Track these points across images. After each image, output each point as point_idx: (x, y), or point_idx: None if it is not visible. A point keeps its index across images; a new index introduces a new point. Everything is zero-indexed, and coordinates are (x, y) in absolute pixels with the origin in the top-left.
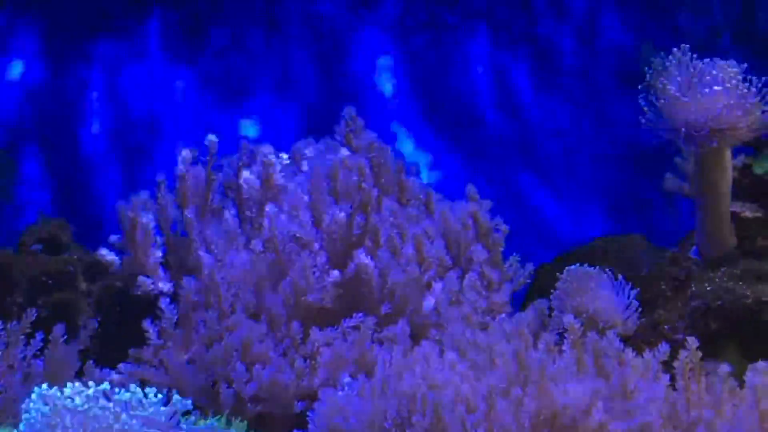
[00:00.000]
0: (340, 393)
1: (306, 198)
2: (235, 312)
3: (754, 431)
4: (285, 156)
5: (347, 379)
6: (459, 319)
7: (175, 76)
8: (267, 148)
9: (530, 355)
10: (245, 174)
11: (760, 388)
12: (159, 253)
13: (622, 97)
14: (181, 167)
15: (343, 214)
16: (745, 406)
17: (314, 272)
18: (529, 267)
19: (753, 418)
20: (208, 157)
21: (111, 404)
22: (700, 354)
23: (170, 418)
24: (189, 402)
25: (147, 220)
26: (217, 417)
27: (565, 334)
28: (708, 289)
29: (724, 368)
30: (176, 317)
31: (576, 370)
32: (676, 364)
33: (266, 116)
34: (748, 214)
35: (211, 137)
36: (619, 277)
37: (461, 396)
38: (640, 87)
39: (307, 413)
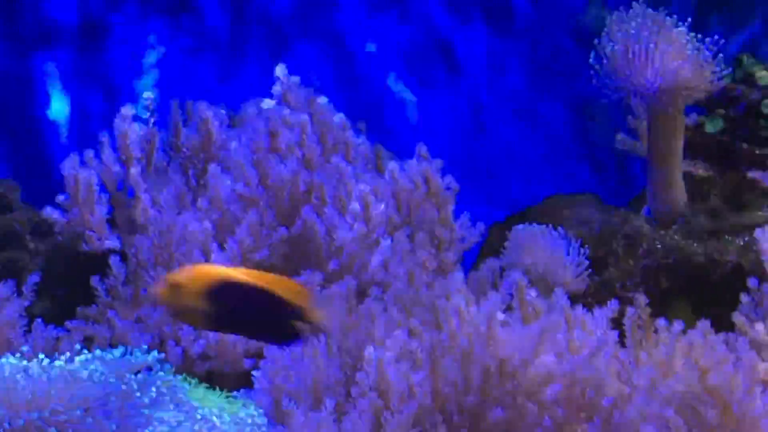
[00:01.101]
0: (284, 351)
1: (250, 156)
2: None
3: (695, 387)
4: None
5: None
6: (407, 278)
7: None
8: (203, 105)
9: (473, 311)
10: (185, 132)
11: (699, 346)
12: (104, 211)
13: (574, 56)
14: (120, 124)
15: (287, 171)
16: (687, 363)
17: (261, 230)
18: (481, 226)
19: (693, 375)
20: (147, 115)
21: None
22: (649, 311)
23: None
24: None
25: (89, 176)
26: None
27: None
28: (659, 247)
29: (675, 326)
30: (124, 275)
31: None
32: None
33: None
34: (700, 172)
35: (148, 93)
36: (570, 235)
37: (406, 353)
38: (594, 44)
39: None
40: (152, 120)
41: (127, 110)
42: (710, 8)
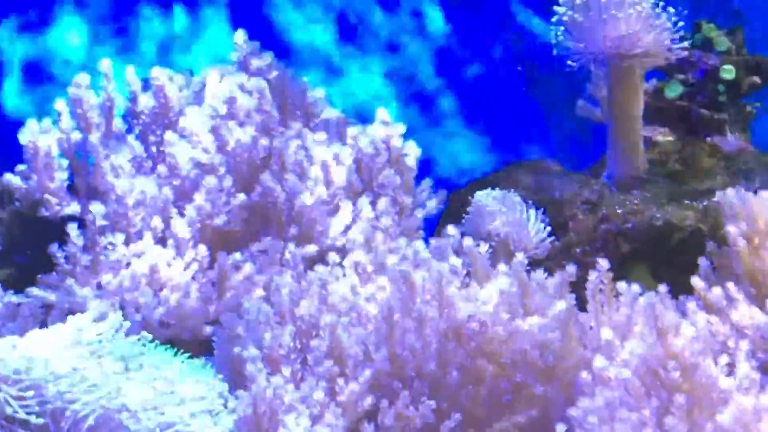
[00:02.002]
0: (241, 318)
1: (209, 122)
2: (143, 237)
3: (655, 349)
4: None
5: (247, 305)
6: (367, 243)
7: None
8: (160, 71)
9: (431, 275)
10: (144, 98)
11: (659, 308)
12: (63, 177)
13: (535, 22)
14: (75, 91)
15: (246, 137)
16: (647, 327)
17: (220, 196)
18: (442, 192)
19: (653, 338)
20: (104, 83)
21: None
22: (611, 275)
23: None
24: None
25: (48, 143)
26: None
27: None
28: (619, 211)
29: (635, 289)
30: (84, 242)
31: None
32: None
33: None
34: (659, 137)
35: (104, 61)
36: (531, 201)
37: (363, 317)
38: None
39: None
40: (109, 87)
41: (82, 78)
42: None
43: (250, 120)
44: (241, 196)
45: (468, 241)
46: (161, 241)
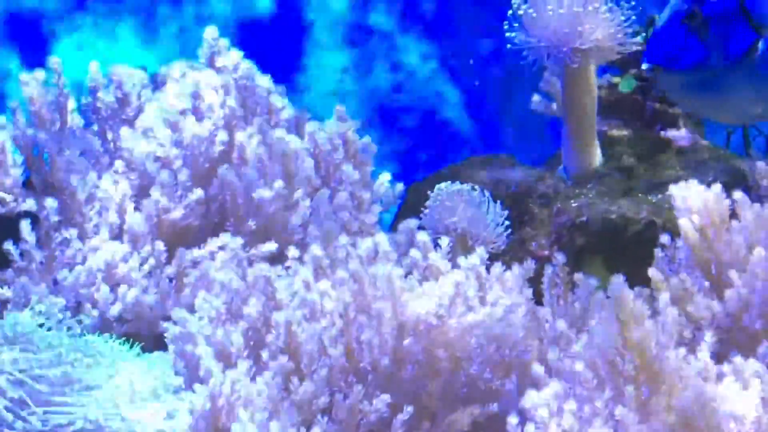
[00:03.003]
0: (193, 315)
1: (168, 117)
2: (98, 232)
3: (614, 340)
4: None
5: (198, 301)
6: (324, 238)
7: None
8: (120, 67)
9: (387, 270)
10: (103, 94)
11: (618, 298)
12: (18, 173)
13: (489, 15)
14: (27, 88)
15: (204, 131)
16: (606, 318)
17: (176, 189)
18: (400, 187)
19: (610, 329)
20: (55, 79)
21: None
22: (567, 269)
23: None
24: None
25: (2, 140)
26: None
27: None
28: (573, 205)
29: (591, 282)
30: (36, 238)
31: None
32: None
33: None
34: (614, 132)
35: (54, 58)
36: (488, 194)
37: (317, 313)
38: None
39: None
40: (62, 83)
41: (34, 74)
42: None
43: (212, 115)
44: (198, 191)
45: (422, 236)
46: (118, 236)
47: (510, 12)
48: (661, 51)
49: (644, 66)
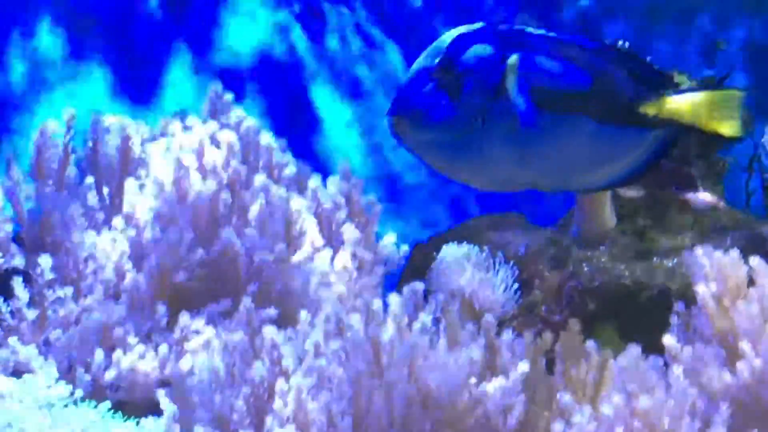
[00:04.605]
0: (190, 380)
1: (171, 173)
2: (94, 292)
3: (624, 414)
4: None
5: (199, 362)
6: (328, 300)
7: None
8: (123, 120)
9: (395, 337)
10: (102, 148)
11: (629, 370)
12: (9, 227)
13: None
14: (39, 139)
15: (209, 191)
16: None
17: (179, 250)
18: (404, 247)
19: (621, 399)
20: (65, 130)
21: None
22: (581, 337)
23: None
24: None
25: None
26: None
27: (440, 316)
28: (585, 269)
29: (603, 350)
30: (29, 296)
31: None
32: (555, 346)
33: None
34: (628, 192)
35: (68, 109)
36: (498, 256)
37: (326, 381)
38: None
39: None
40: (68, 136)
41: (47, 125)
42: None
43: (215, 173)
44: (200, 251)
45: (437, 298)
46: (114, 296)
47: None
48: (407, 105)
49: (386, 120)
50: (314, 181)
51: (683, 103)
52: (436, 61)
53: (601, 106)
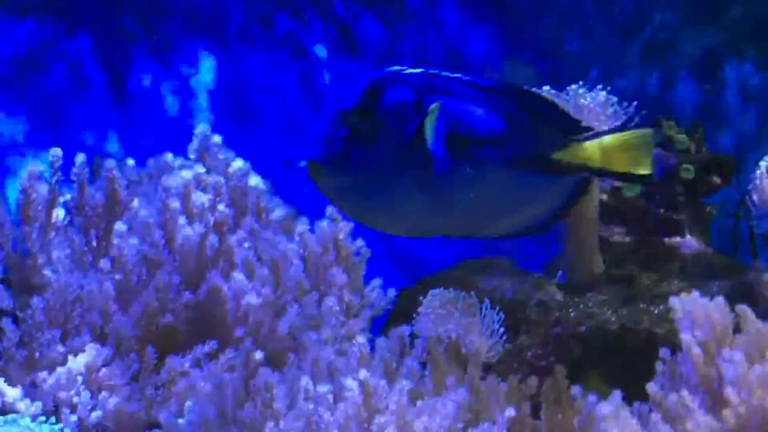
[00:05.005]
0: (181, 421)
1: (158, 216)
2: (81, 334)
3: None
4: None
5: (188, 404)
6: (315, 344)
7: None
8: (110, 163)
9: (383, 381)
10: (89, 190)
11: (610, 419)
12: None
13: None
14: (26, 181)
15: (196, 234)
16: None
17: (166, 293)
18: (391, 292)
19: None
20: (51, 172)
21: None
22: (567, 383)
23: None
24: None
25: None
26: None
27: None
28: (572, 314)
29: (589, 396)
30: (18, 337)
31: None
32: (541, 391)
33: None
34: (616, 237)
35: (55, 151)
36: (485, 301)
37: (313, 425)
38: None
39: None
40: (55, 178)
41: (34, 168)
42: None
43: (203, 217)
44: (187, 294)
45: (424, 343)
46: (101, 338)
47: None
48: (322, 149)
49: (301, 164)
50: (302, 225)
51: (593, 149)
52: (354, 105)
53: (514, 154)
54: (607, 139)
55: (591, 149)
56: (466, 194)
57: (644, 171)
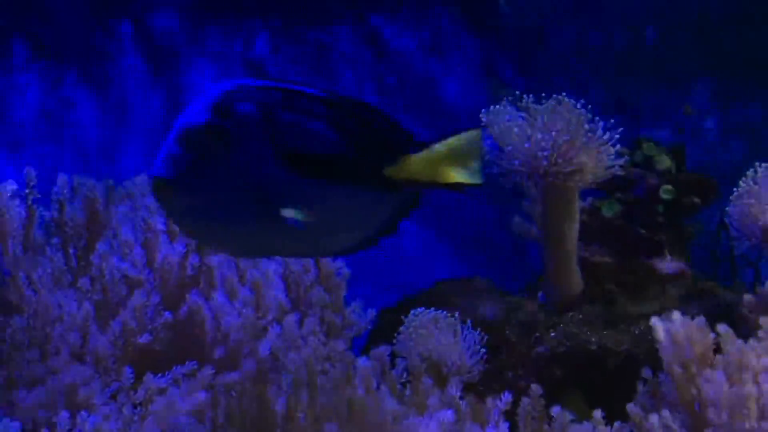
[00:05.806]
0: None
1: (139, 235)
2: (59, 353)
3: None
4: None
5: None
6: (296, 364)
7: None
8: (89, 182)
9: (366, 401)
10: (69, 209)
11: None
12: None
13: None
14: (1, 199)
15: (176, 254)
16: None
17: (145, 312)
18: (372, 312)
19: None
20: (27, 191)
21: None
22: (543, 402)
23: None
24: None
25: None
26: None
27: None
28: (552, 335)
29: (567, 416)
30: None
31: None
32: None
33: None
34: (596, 258)
35: (29, 170)
36: (468, 322)
37: None
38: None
39: None
40: (31, 197)
41: (9, 186)
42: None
43: (181, 236)
44: (167, 315)
45: (405, 363)
46: (80, 358)
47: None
48: (164, 166)
49: (149, 179)
50: None
51: (421, 162)
52: (198, 121)
53: (349, 171)
54: (433, 150)
55: (420, 163)
56: (301, 212)
57: (474, 180)
